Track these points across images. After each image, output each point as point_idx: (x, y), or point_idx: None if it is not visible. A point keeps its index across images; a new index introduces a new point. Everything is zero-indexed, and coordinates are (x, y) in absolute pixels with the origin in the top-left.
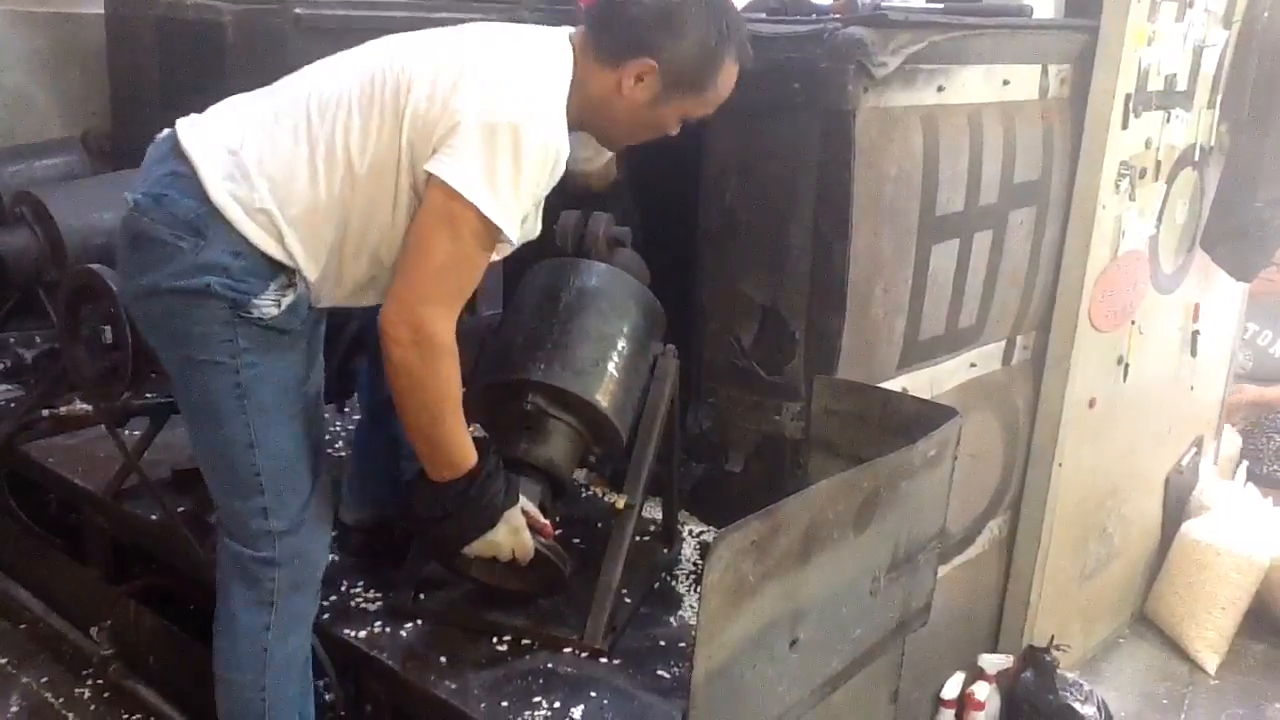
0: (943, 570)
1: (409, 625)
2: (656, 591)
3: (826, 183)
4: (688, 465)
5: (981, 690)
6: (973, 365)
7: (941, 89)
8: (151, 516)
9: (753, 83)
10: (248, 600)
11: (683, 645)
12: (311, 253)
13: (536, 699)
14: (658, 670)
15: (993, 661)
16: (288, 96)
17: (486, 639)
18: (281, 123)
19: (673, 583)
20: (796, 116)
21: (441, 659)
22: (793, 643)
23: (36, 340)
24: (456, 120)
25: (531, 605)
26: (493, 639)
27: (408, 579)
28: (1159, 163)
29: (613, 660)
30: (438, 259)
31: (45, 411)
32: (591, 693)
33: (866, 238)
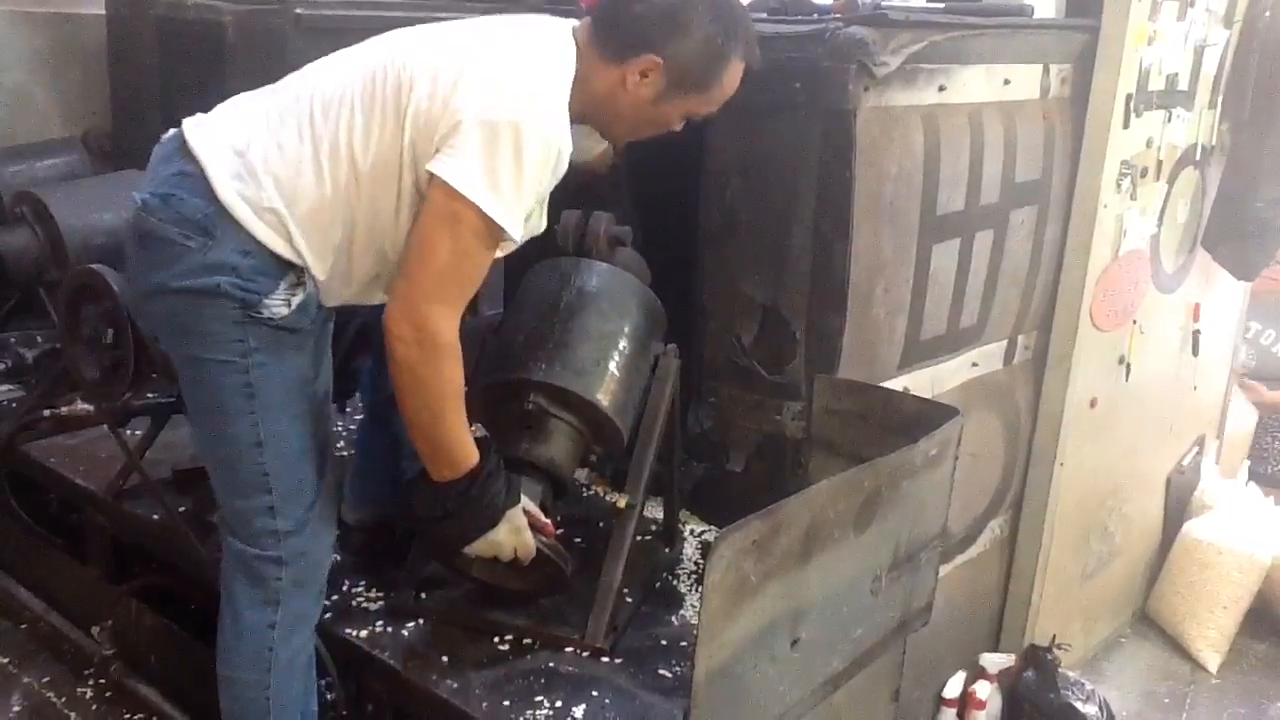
0: (944, 569)
1: (410, 624)
2: (658, 591)
3: (827, 182)
4: (689, 465)
5: (983, 689)
6: (974, 365)
7: (942, 88)
8: (153, 516)
9: (754, 82)
10: (252, 600)
11: (684, 644)
12: (319, 251)
13: (538, 698)
14: (659, 669)
15: (994, 660)
16: (291, 95)
17: (488, 638)
18: (286, 122)
19: (674, 582)
20: (797, 116)
21: (443, 658)
22: (794, 642)
23: (37, 340)
24: (458, 119)
25: (533, 605)
26: (494, 638)
27: (409, 578)
28: (1160, 162)
29: (614, 659)
30: (441, 258)
31: (46, 411)
32: (593, 692)
33: (867, 237)
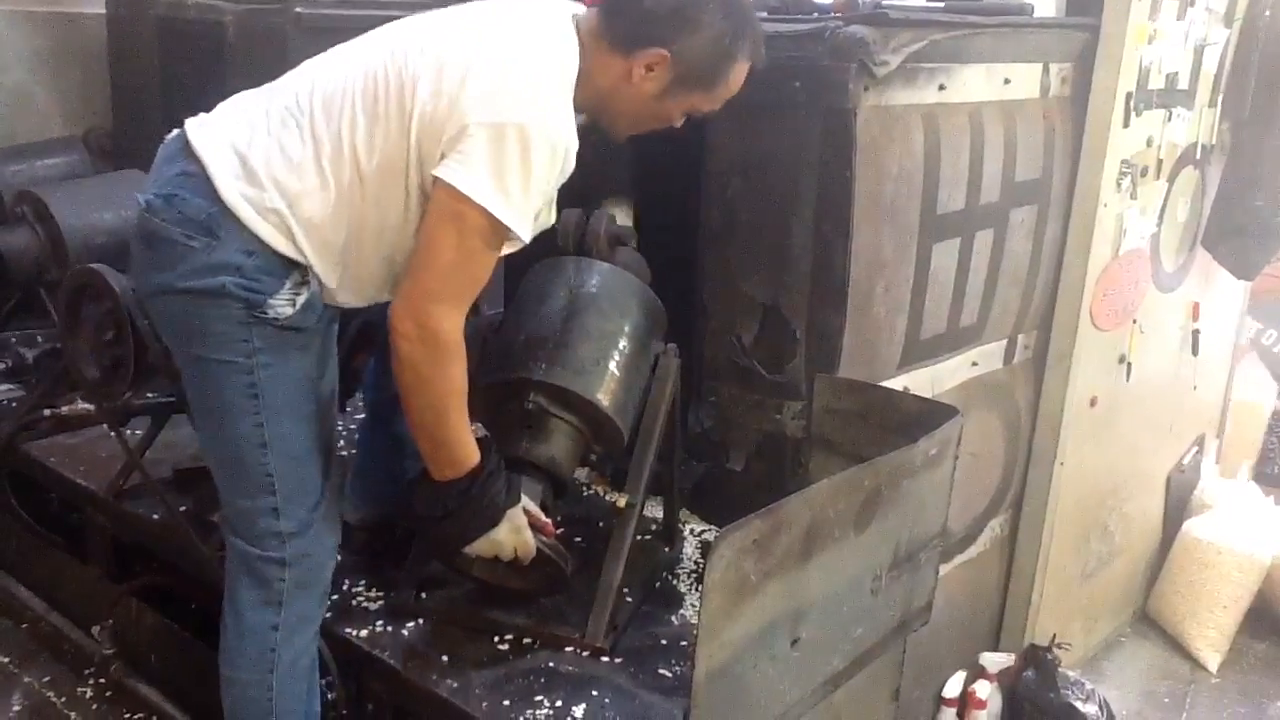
0: (944, 569)
1: (410, 624)
2: (658, 590)
3: (828, 181)
4: (689, 464)
5: (983, 689)
6: (974, 364)
7: (943, 88)
8: (153, 515)
9: (754, 81)
10: (256, 600)
11: (684, 644)
12: (324, 251)
13: (538, 698)
14: (659, 669)
15: (994, 660)
16: (291, 94)
17: (488, 638)
18: (287, 123)
19: (674, 581)
20: (798, 115)
21: (443, 658)
22: (794, 641)
23: (38, 340)
24: (464, 122)
25: (533, 604)
26: (494, 638)
27: (409, 578)
28: (1160, 161)
29: (614, 659)
30: (446, 257)
31: (47, 411)
32: (593, 691)
33: (868, 236)
